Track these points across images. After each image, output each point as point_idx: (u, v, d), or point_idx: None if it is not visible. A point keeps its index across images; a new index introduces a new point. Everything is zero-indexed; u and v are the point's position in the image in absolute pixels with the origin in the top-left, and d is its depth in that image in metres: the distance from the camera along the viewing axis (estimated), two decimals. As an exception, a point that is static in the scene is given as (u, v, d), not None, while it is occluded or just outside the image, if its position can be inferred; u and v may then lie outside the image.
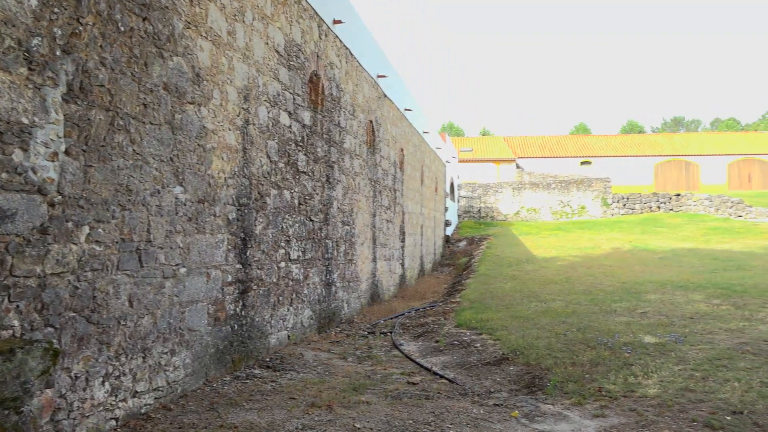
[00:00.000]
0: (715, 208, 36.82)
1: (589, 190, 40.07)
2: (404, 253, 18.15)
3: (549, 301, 13.04)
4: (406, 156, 18.43)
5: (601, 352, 7.98)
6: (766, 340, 8.43)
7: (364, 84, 13.29)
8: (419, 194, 21.03)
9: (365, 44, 13.23)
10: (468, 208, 40.80)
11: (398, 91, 17.05)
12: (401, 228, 17.61)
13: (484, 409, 5.93)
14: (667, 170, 55.07)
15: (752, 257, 20.78)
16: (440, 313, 12.40)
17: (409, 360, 8.42)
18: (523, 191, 40.77)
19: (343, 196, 11.56)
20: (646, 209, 39.45)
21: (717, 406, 5.69)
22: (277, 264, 8.42)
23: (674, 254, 22.08)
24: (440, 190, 27.57)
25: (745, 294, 13.39)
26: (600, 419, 5.54)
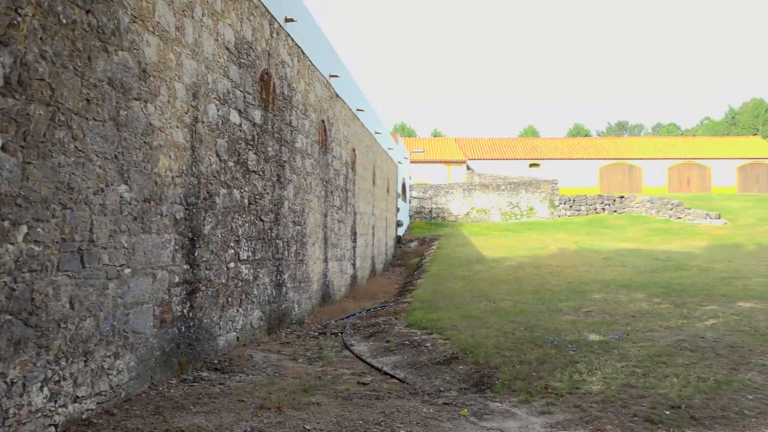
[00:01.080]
0: (657, 210, 38.16)
1: (538, 192, 40.93)
2: (356, 254, 18.14)
3: (498, 300, 13.25)
4: (358, 156, 18.42)
5: (548, 350, 8.15)
6: (702, 337, 8.78)
7: (316, 83, 13.22)
8: (371, 195, 21.06)
9: (317, 43, 13.17)
10: (419, 208, 41.10)
11: (350, 91, 17.03)
12: (353, 228, 17.60)
13: (434, 408, 5.98)
14: (612, 173, 56.75)
15: (690, 257, 21.63)
16: (391, 313, 12.44)
17: (359, 360, 8.42)
18: (473, 192, 41.32)
19: (294, 195, 11.47)
20: (591, 211, 40.57)
21: (657, 401, 5.90)
22: (226, 264, 8.29)
23: (618, 254, 22.77)
24: (392, 190, 27.68)
25: (684, 293, 13.92)
26: (546, 416, 5.66)
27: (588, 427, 5.30)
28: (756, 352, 7.85)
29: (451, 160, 53.19)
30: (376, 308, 13.71)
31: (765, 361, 7.37)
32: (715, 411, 5.60)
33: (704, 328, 9.57)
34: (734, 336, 8.87)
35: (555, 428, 5.33)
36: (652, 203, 38.85)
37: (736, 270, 18.39)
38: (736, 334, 9.05)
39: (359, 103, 18.30)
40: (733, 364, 7.23)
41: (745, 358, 7.54)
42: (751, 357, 7.57)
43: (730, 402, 5.84)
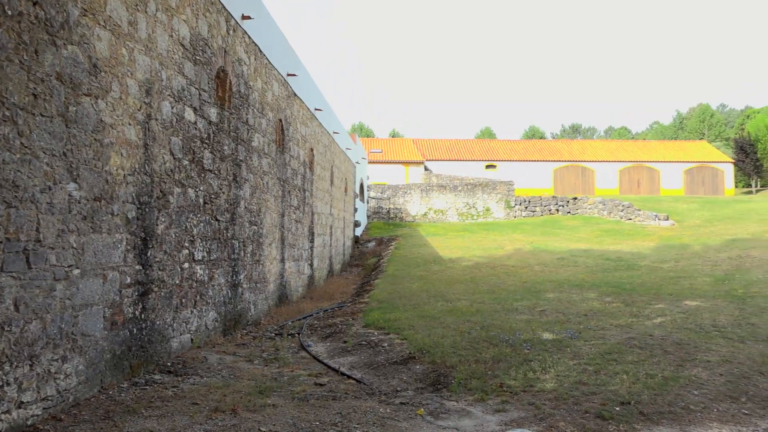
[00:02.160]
0: (608, 211, 39.13)
1: (494, 193, 41.47)
2: (313, 254, 18.04)
3: (455, 300, 13.37)
4: (316, 156, 18.33)
5: (503, 349, 8.26)
6: (651, 335, 9.04)
7: (274, 82, 13.09)
8: (329, 195, 20.98)
9: (275, 41, 13.04)
10: (377, 209, 41.14)
11: (308, 90, 16.92)
12: (310, 228, 17.49)
13: (391, 408, 5.99)
14: (566, 175, 57.96)
15: (640, 257, 22.25)
16: (349, 314, 12.41)
17: (316, 361, 8.37)
18: (431, 193, 41.60)
19: (250, 195, 11.33)
20: (546, 212, 41.33)
21: (608, 398, 6.04)
22: (180, 265, 8.13)
23: (571, 255, 23.26)
24: (350, 190, 27.63)
25: (634, 292, 14.31)
26: (501, 414, 5.74)
27: (541, 424, 5.39)
28: (701, 349, 8.12)
29: (409, 160, 53.43)
30: (333, 309, 13.66)
31: (709, 357, 7.63)
32: (662, 406, 5.77)
33: (653, 326, 9.85)
34: (681, 333, 9.17)
35: (509, 426, 5.40)
36: (604, 204, 39.82)
37: (683, 270, 19.01)
38: (683, 331, 9.36)
39: (317, 102, 18.21)
40: (679, 361, 7.47)
41: (691, 354, 7.80)
42: (697, 354, 7.84)
43: (676, 397, 6.02)
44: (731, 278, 16.83)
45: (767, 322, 10.23)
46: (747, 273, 17.82)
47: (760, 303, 12.40)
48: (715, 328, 9.61)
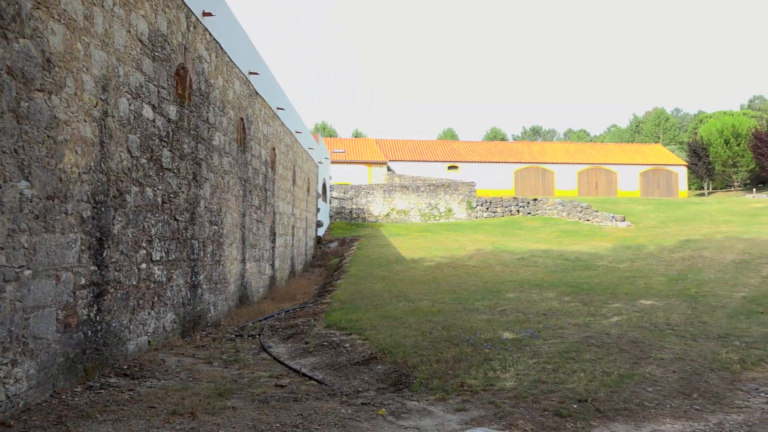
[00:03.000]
0: (567, 212, 39.85)
1: (456, 194, 41.80)
2: (275, 254, 17.88)
3: (417, 300, 13.43)
4: (278, 155, 18.18)
5: (464, 348, 8.33)
6: (608, 334, 9.24)
7: (235, 80, 12.93)
8: (291, 194, 20.83)
9: (237, 39, 12.88)
10: (340, 209, 41.04)
11: (270, 89, 16.77)
12: (272, 228, 17.34)
13: (352, 408, 5.98)
14: (526, 176, 58.83)
15: (597, 258, 22.72)
16: (311, 314, 12.35)
17: (277, 362, 8.30)
18: (393, 194, 41.70)
19: (211, 194, 11.17)
20: (507, 212, 41.86)
21: (566, 396, 6.15)
22: (137, 265, 7.95)
23: (531, 255, 23.61)
24: (312, 190, 27.48)
25: (591, 292, 14.61)
26: (462, 413, 5.78)
27: (501, 423, 5.45)
28: (655, 346, 8.34)
29: (372, 161, 53.47)
30: (295, 309, 13.57)
31: (663, 355, 7.84)
32: (618, 403, 5.90)
33: (609, 325, 10.07)
34: (636, 332, 9.40)
35: (470, 425, 5.45)
36: (563, 206, 40.54)
37: (639, 270, 19.49)
38: (638, 330, 9.59)
39: (279, 101, 18.06)
40: (635, 359, 7.65)
41: (646, 352, 8.00)
42: (651, 351, 8.04)
43: (631, 394, 6.17)
44: (684, 278, 17.34)
45: (718, 320, 10.57)
46: (699, 273, 18.37)
47: (711, 302, 12.80)
48: (669, 327, 9.88)
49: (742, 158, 61.07)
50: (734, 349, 8.24)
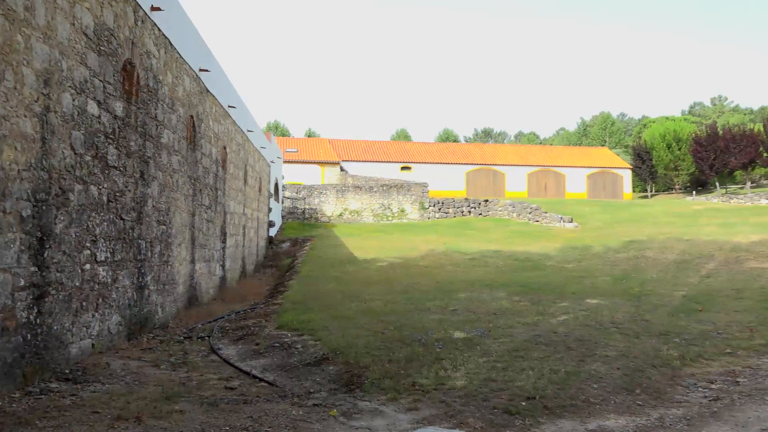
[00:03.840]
0: (517, 213, 40.60)
1: (409, 195, 42.04)
2: (225, 255, 17.60)
3: (369, 301, 13.44)
4: (230, 154, 17.90)
5: (416, 348, 8.39)
6: (555, 332, 9.46)
7: (185, 77, 12.67)
8: (242, 194, 20.55)
9: (187, 35, 12.63)
10: (293, 209, 40.72)
11: (222, 86, 16.50)
12: (222, 228, 17.06)
13: (304, 409, 5.93)
14: (478, 177, 59.63)
15: (546, 258, 23.23)
16: (262, 315, 12.21)
17: (227, 364, 8.17)
18: (346, 194, 41.64)
19: (159, 193, 10.91)
20: (459, 213, 42.35)
21: (514, 393, 6.26)
22: (81, 266, 7.70)
23: (482, 255, 23.95)
24: (264, 190, 27.18)
25: (540, 291, 14.92)
26: (413, 412, 5.81)
27: (452, 421, 5.51)
28: (600, 344, 8.58)
29: (325, 160, 53.26)
30: (246, 310, 13.39)
31: (608, 352, 8.07)
32: (565, 400, 6.04)
33: (557, 324, 10.31)
34: (583, 330, 9.64)
35: (421, 424, 5.48)
36: (513, 207, 41.28)
37: (586, 269, 20.02)
38: (584, 328, 9.85)
39: (231, 99, 17.79)
40: (581, 356, 7.85)
41: (592, 350, 8.22)
42: (597, 349, 8.27)
43: (578, 391, 6.32)
44: (628, 277, 17.90)
45: (660, 318, 10.95)
46: (642, 272, 19.00)
47: (654, 300, 13.25)
48: (614, 325, 10.18)
49: (683, 162, 63.34)
50: (674, 346, 8.55)
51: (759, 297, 13.51)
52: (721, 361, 7.75)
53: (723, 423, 5.45)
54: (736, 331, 9.70)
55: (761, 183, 65.03)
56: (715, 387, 6.64)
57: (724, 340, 8.96)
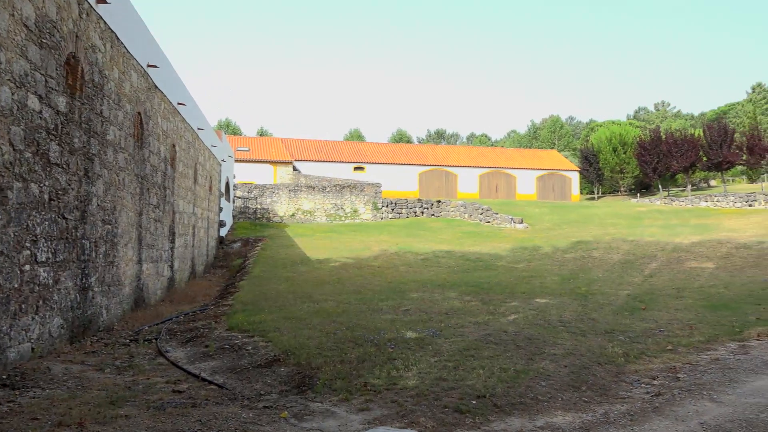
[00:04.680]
0: (469, 214, 41.09)
1: (362, 195, 42.03)
2: (174, 255, 17.22)
3: (321, 301, 13.37)
4: (179, 152, 17.52)
5: (368, 348, 8.38)
6: (505, 331, 9.60)
7: (133, 72, 12.34)
8: (192, 193, 20.14)
9: (134, 29, 12.29)
10: (244, 208, 40.17)
11: (171, 83, 16.14)
12: (171, 228, 16.68)
13: (254, 412, 5.85)
14: (431, 178, 60.10)
15: (497, 258, 23.58)
16: (211, 317, 11.99)
17: (175, 367, 7.99)
18: (299, 194, 41.32)
19: (104, 192, 10.58)
20: (411, 214, 42.57)
21: (465, 392, 6.32)
22: (20, 267, 7.39)
23: (434, 256, 24.13)
24: (215, 189, 26.71)
25: (491, 291, 15.13)
26: (365, 413, 5.80)
27: (403, 421, 5.52)
28: (549, 343, 8.75)
29: (278, 160, 52.73)
30: (195, 312, 13.12)
31: (556, 351, 8.24)
32: (514, 398, 6.14)
33: (507, 323, 10.47)
34: (532, 329, 9.82)
35: (372, 424, 5.48)
36: (465, 208, 41.75)
37: (535, 269, 20.41)
38: (533, 327, 10.03)
39: (180, 96, 17.42)
40: (530, 355, 8.00)
41: (540, 348, 8.38)
42: (545, 347, 8.43)
43: (526, 389, 6.44)
44: (576, 277, 18.33)
45: (605, 317, 11.25)
46: (589, 272, 19.50)
47: (600, 300, 13.61)
48: (561, 324, 10.40)
49: (628, 165, 65.36)
50: (619, 343, 8.80)
51: (698, 296, 14.05)
52: (662, 358, 8.02)
53: (664, 417, 5.64)
54: (676, 328, 10.05)
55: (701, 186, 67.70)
56: (656, 383, 6.86)
57: (666, 338, 9.28)
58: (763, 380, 6.90)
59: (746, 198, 40.23)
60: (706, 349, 8.55)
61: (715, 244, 24.07)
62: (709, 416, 5.64)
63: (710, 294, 14.29)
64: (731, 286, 15.59)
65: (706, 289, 15.11)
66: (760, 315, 11.09)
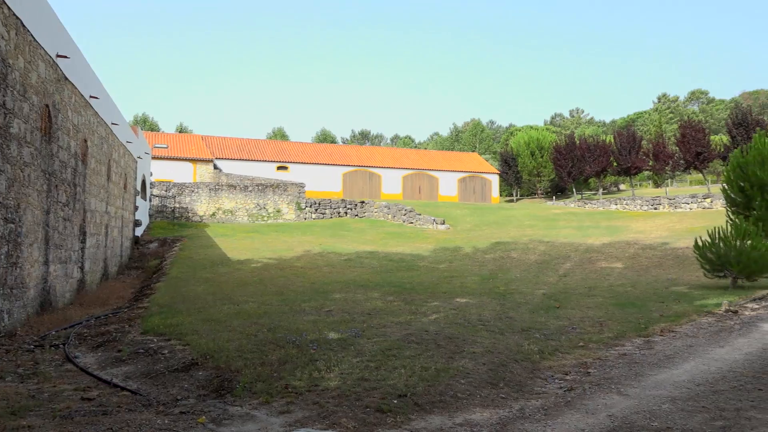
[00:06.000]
0: (392, 215, 41.42)
1: (285, 195, 41.53)
2: (85, 255, 16.39)
3: (242, 303, 13.10)
4: (91, 148, 16.70)
5: (290, 350, 8.28)
6: (427, 331, 9.73)
7: (40, 62, 11.65)
8: (105, 191, 19.25)
9: (42, 17, 11.61)
10: (161, 207, 38.80)
11: (83, 75, 15.36)
12: (82, 227, 15.88)
13: (170, 418, 5.65)
14: (355, 179, 60.17)
15: (419, 259, 23.89)
16: (125, 320, 11.50)
17: (85, 373, 7.60)
18: (220, 193, 40.36)
19: (7, 189, 9.93)
20: (335, 214, 42.47)
21: (387, 392, 6.36)
22: None
23: (358, 256, 24.17)
24: (130, 187, 25.66)
25: (413, 291, 15.31)
26: (285, 415, 5.72)
27: (325, 422, 5.48)
28: (468, 341, 8.94)
29: (198, 158, 51.27)
30: (107, 315, 12.55)
31: (475, 349, 8.43)
32: (434, 396, 6.23)
33: (428, 323, 10.61)
34: (452, 328, 10.01)
35: (294, 426, 5.41)
36: (388, 209, 42.06)
37: (456, 270, 20.82)
38: (454, 326, 10.22)
39: (93, 89, 16.61)
40: (450, 354, 8.14)
41: (460, 347, 8.55)
42: (465, 346, 8.61)
43: (447, 387, 6.54)
44: (495, 277, 18.85)
45: (522, 315, 11.62)
46: (507, 272, 20.09)
47: (517, 299, 14.05)
48: (481, 322, 10.66)
49: (544, 169, 67.87)
50: (535, 341, 9.11)
51: (608, 294, 14.76)
52: (575, 354, 8.36)
53: (576, 411, 5.88)
54: (588, 325, 10.52)
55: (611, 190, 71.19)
56: (569, 378, 7.15)
57: (578, 335, 9.68)
58: (665, 373, 7.32)
59: (652, 202, 42.64)
60: (615, 345, 8.99)
61: (624, 245, 25.37)
62: (617, 409, 5.92)
63: (619, 292, 15.04)
64: (638, 284, 16.48)
65: (615, 288, 15.90)
66: (663, 312, 11.77)
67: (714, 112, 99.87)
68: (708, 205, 38.54)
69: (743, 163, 19.45)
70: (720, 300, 12.85)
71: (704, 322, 10.83)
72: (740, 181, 19.43)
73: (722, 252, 15.15)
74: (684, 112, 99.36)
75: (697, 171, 51.91)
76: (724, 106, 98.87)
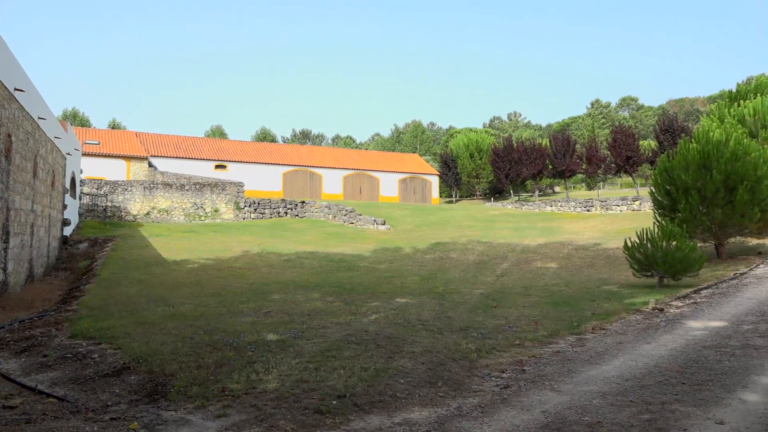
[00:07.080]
0: (333, 215, 41.29)
1: (223, 194, 40.75)
2: (8, 256, 15.59)
3: (178, 305, 12.77)
4: (15, 143, 15.90)
5: (227, 352, 8.12)
6: (366, 331, 9.74)
7: (-40, 52, 11.01)
8: (31, 188, 18.37)
9: (-37, 4, 10.97)
10: (92, 206, 37.36)
11: (7, 66, 14.61)
12: (5, 227, 15.10)
13: (99, 425, 5.44)
14: (295, 179, 59.63)
15: (360, 259, 23.90)
16: (52, 324, 11.01)
17: (7, 380, 7.23)
18: (155, 191, 39.21)
19: None
20: (275, 214, 41.97)
21: (326, 393, 6.32)
22: None
23: (298, 257, 23.96)
24: (58, 185, 24.58)
25: (353, 291, 15.30)
26: (222, 419, 5.60)
27: (262, 425, 5.40)
28: (408, 341, 9.00)
29: (131, 155, 49.63)
30: (32, 319, 11.97)
31: (414, 348, 8.49)
32: (374, 396, 6.23)
33: (368, 323, 10.62)
34: (392, 328, 10.05)
35: (230, 430, 5.31)
36: (329, 209, 41.91)
37: (396, 270, 20.94)
38: (394, 326, 10.27)
39: (18, 81, 15.83)
40: (390, 353, 8.17)
41: (399, 347, 8.59)
42: (404, 346, 8.66)
43: (386, 387, 6.56)
44: (434, 277, 19.06)
45: (460, 315, 11.79)
46: (446, 272, 20.35)
47: (456, 298, 14.25)
48: (420, 322, 10.75)
49: (483, 170, 69.13)
50: (472, 340, 9.26)
51: (543, 293, 15.16)
52: (511, 352, 8.54)
53: (511, 408, 6.00)
54: (524, 324, 10.77)
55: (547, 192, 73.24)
56: (505, 376, 7.30)
57: (514, 333, 9.90)
58: (596, 369, 7.58)
59: (585, 204, 44.11)
60: (549, 343, 9.24)
61: (558, 245, 26.14)
62: (551, 405, 6.09)
63: (553, 292, 15.48)
64: (571, 284, 17.01)
65: (550, 287, 16.36)
66: (594, 310, 12.19)
67: (643, 118, 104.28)
68: (637, 207, 40.18)
69: (669, 168, 20.39)
70: (647, 298, 13.41)
71: (633, 319, 11.27)
72: (666, 185, 20.37)
73: (650, 252, 15.80)
74: (615, 117, 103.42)
75: (628, 174, 53.99)
76: (652, 113, 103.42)
